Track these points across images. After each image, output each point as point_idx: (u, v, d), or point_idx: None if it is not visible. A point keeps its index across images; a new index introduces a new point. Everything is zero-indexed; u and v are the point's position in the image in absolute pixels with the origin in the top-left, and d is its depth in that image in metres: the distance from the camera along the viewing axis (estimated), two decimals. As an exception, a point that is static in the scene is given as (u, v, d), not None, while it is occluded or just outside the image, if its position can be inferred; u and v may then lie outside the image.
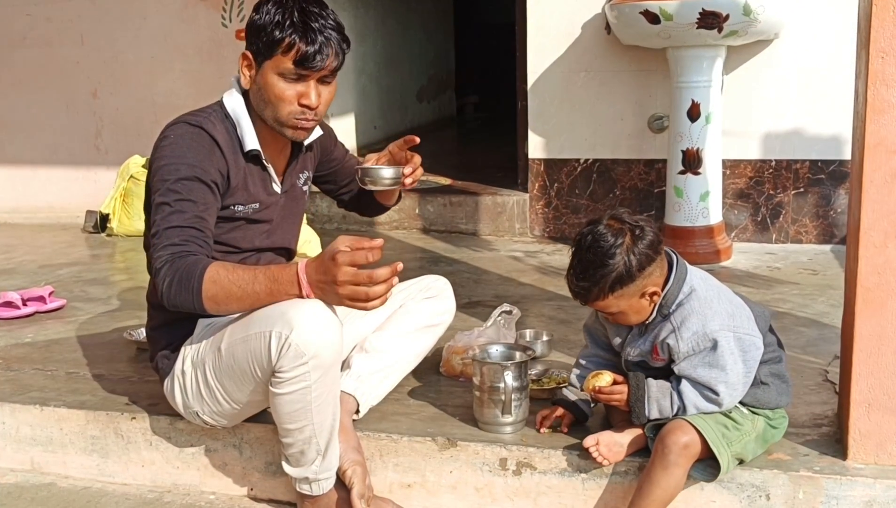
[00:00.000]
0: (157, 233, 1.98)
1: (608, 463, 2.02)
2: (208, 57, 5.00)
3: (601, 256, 1.91)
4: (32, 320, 3.23)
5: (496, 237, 4.42)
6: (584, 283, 1.94)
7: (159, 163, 2.03)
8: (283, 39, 1.98)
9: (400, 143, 2.29)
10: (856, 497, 1.94)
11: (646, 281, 1.93)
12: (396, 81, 6.86)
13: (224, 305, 1.93)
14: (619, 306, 1.95)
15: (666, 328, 1.96)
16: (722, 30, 3.46)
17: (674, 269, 1.97)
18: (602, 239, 1.92)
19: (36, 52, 5.19)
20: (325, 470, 2.05)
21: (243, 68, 2.09)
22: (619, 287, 1.92)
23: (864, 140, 1.88)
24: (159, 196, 2.00)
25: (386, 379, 2.30)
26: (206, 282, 1.90)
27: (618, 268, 1.90)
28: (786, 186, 4.06)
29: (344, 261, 1.80)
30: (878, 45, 1.84)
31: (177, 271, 1.92)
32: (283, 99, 2.04)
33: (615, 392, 2.00)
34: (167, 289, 1.93)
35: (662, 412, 1.96)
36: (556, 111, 4.28)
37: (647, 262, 1.92)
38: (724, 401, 1.93)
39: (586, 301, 1.98)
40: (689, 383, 1.94)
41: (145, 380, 2.53)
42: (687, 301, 1.95)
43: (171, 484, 2.35)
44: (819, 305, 3.18)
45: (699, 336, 1.92)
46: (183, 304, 1.94)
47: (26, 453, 2.45)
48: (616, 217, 1.96)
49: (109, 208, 4.75)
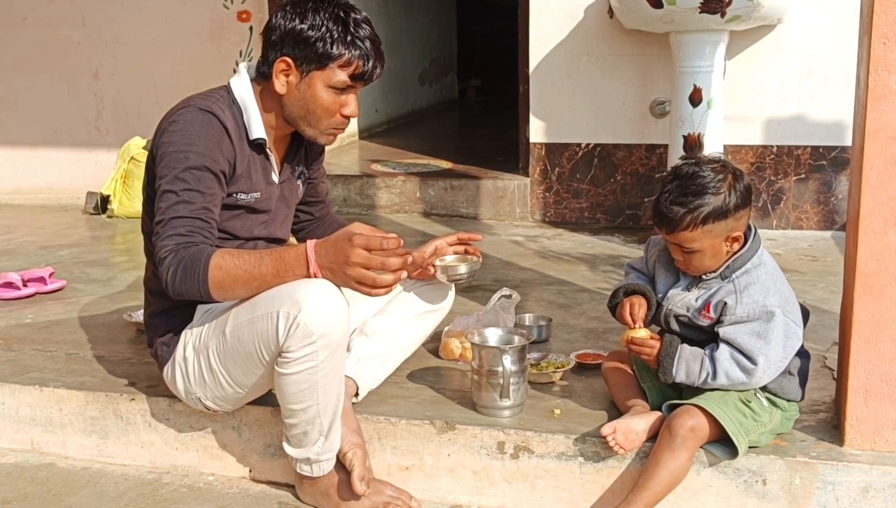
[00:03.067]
0: (163, 222, 1.97)
1: (625, 452, 2.01)
2: (209, 38, 4.99)
3: (703, 186, 1.91)
4: (32, 301, 3.24)
5: (497, 221, 4.42)
6: (679, 208, 1.92)
7: (167, 148, 2.01)
8: (340, 55, 2.00)
9: (453, 240, 2.31)
10: (852, 483, 1.95)
11: (736, 223, 1.94)
12: (398, 64, 6.84)
13: (231, 290, 1.94)
14: (702, 242, 1.94)
15: (726, 288, 1.97)
16: (725, 14, 3.45)
17: (751, 236, 1.98)
18: (705, 171, 1.93)
19: (37, 32, 5.18)
20: (327, 451, 2.05)
21: (280, 74, 2.05)
22: (713, 221, 1.91)
23: (865, 126, 1.87)
24: (166, 183, 1.99)
25: (385, 363, 2.30)
26: (211, 268, 1.90)
27: (717, 201, 1.91)
28: (787, 172, 4.05)
29: (360, 243, 1.83)
30: (881, 31, 1.83)
31: (181, 260, 1.92)
32: (329, 110, 2.06)
33: (647, 345, 2.00)
34: (171, 278, 1.93)
35: (689, 375, 1.96)
36: (557, 95, 4.27)
37: (742, 204, 1.93)
38: (758, 374, 1.92)
39: (674, 229, 1.94)
40: (727, 349, 1.94)
41: (145, 362, 2.53)
42: (754, 270, 1.96)
43: (170, 465, 2.36)
44: (819, 291, 3.18)
45: (758, 305, 1.93)
46: (189, 292, 1.94)
47: (26, 433, 2.46)
48: (716, 159, 1.97)
49: (110, 190, 4.75)
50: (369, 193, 4.62)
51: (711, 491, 2.02)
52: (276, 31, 2.04)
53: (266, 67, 2.08)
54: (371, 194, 4.61)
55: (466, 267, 2.27)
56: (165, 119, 2.07)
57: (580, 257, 3.71)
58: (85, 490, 2.27)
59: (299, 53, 2.02)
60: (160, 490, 2.27)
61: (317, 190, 2.43)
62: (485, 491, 2.15)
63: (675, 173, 1.97)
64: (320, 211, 2.47)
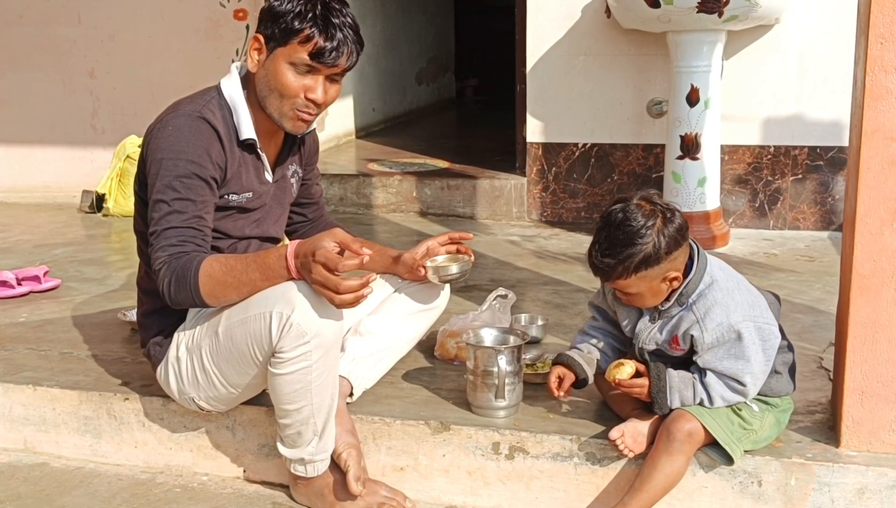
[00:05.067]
0: (156, 233, 1.98)
1: (633, 455, 2.00)
2: (206, 37, 4.97)
3: (631, 235, 1.89)
4: (27, 299, 3.23)
5: (493, 221, 4.41)
6: (609, 260, 1.91)
7: (158, 155, 2.00)
8: (301, 30, 1.97)
9: (444, 240, 2.30)
10: (848, 485, 1.94)
11: (670, 265, 1.92)
12: (395, 64, 6.83)
13: (223, 296, 1.95)
14: (639, 287, 1.93)
15: (688, 318, 1.95)
16: (722, 14, 3.44)
17: (696, 258, 1.96)
18: (633, 218, 1.90)
19: (32, 30, 5.16)
20: (322, 451, 2.05)
21: (252, 51, 2.05)
22: (644, 268, 1.90)
23: (862, 126, 1.87)
24: (157, 193, 1.99)
25: (380, 363, 2.29)
26: (201, 278, 1.91)
27: (646, 249, 1.88)
28: (784, 173, 4.05)
29: (320, 259, 1.81)
30: (877, 31, 1.82)
31: (174, 271, 1.93)
32: (290, 89, 2.02)
33: (636, 385, 1.98)
34: (167, 289, 1.95)
35: (685, 401, 1.96)
36: (554, 95, 4.27)
37: (674, 246, 1.90)
38: (750, 391, 1.94)
39: (608, 279, 1.96)
40: (714, 374, 1.94)
41: (138, 361, 2.52)
42: (709, 292, 1.94)
43: (163, 465, 2.35)
44: (815, 291, 3.17)
45: (724, 328, 1.91)
46: (184, 302, 1.96)
47: (19, 432, 2.45)
48: (647, 198, 1.94)
49: (106, 189, 4.73)
50: (366, 192, 4.61)
51: (707, 493, 2.01)
52: (261, 13, 2.05)
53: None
54: (368, 194, 4.61)
55: (458, 267, 2.26)
56: (155, 124, 2.06)
57: (577, 257, 3.70)
58: (78, 490, 2.26)
59: (267, 30, 2.02)
60: (154, 490, 2.26)
61: (311, 192, 2.42)
62: (480, 492, 2.15)
63: (606, 221, 1.93)
64: (314, 213, 2.46)
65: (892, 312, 1.91)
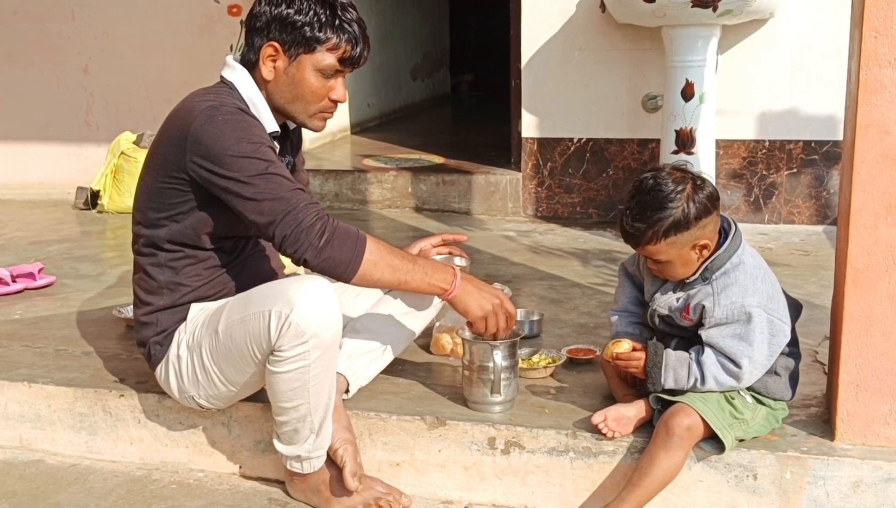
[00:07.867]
0: (283, 199, 1.94)
1: (618, 436, 2.02)
2: (200, 33, 4.96)
3: (661, 199, 1.91)
4: (21, 296, 3.22)
5: (489, 216, 4.41)
6: (640, 224, 1.93)
7: (223, 142, 1.94)
8: (329, 39, 2.01)
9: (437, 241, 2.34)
10: (843, 478, 1.94)
11: (700, 232, 1.93)
12: (390, 59, 6.82)
13: (377, 271, 1.98)
14: (668, 253, 1.95)
15: (705, 291, 1.97)
16: (717, 9, 3.44)
17: (729, 236, 1.98)
18: (664, 183, 1.93)
19: (26, 27, 5.15)
20: (318, 448, 2.05)
21: (267, 60, 2.04)
22: (674, 233, 1.92)
23: (856, 120, 1.87)
24: (251, 169, 1.94)
25: (376, 360, 2.29)
26: (370, 244, 1.97)
27: (676, 214, 1.90)
28: (779, 167, 4.05)
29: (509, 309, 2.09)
30: (871, 25, 1.82)
31: (335, 229, 1.95)
32: (317, 94, 2.06)
33: (633, 359, 2.01)
34: (324, 242, 1.92)
35: (678, 381, 1.97)
36: (549, 90, 4.26)
37: (703, 212, 1.92)
38: (745, 376, 1.93)
39: (638, 244, 1.97)
40: (712, 354, 1.94)
41: (134, 358, 2.52)
42: (733, 271, 1.96)
43: (159, 462, 2.35)
44: (810, 285, 3.18)
45: (736, 307, 1.92)
46: (336, 261, 1.94)
47: (14, 430, 2.44)
48: (678, 168, 1.97)
49: (100, 185, 4.72)
50: (361, 188, 4.61)
51: (702, 486, 2.01)
52: (261, 17, 2.04)
53: (252, 54, 2.07)
54: (363, 189, 4.60)
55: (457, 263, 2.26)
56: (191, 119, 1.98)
57: (572, 253, 3.70)
58: (74, 487, 2.26)
59: (287, 38, 2.01)
60: (149, 486, 2.26)
61: (299, 177, 2.42)
62: (475, 487, 2.15)
63: (637, 187, 1.97)
64: None
65: (887, 305, 1.91)
